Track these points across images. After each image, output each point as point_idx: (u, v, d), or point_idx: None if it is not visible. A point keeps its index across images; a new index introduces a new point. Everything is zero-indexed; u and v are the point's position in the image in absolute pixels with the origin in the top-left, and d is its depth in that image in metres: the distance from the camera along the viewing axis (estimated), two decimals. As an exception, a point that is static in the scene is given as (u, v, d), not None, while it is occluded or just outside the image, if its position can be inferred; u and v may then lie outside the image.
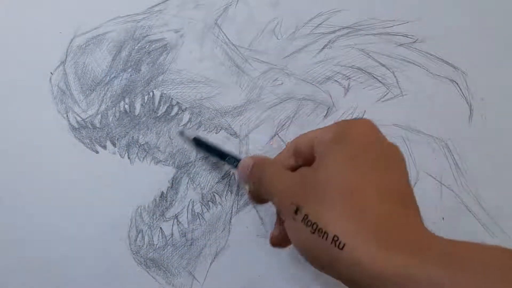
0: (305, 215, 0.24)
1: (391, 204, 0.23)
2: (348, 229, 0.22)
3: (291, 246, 0.27)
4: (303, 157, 0.29)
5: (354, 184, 0.23)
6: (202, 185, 0.43)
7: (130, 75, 0.42)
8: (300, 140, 0.29)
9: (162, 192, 0.43)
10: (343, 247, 0.22)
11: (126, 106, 0.42)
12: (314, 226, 0.23)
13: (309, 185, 0.25)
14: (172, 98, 0.42)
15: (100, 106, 0.42)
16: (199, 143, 0.41)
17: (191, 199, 0.43)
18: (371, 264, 0.21)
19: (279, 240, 0.31)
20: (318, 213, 0.23)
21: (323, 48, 0.43)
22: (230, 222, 0.43)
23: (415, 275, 0.19)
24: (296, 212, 0.24)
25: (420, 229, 0.23)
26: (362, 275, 0.21)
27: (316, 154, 0.27)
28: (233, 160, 0.36)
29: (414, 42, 0.43)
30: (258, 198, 0.32)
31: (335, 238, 0.22)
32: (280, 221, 0.31)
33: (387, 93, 0.42)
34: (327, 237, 0.22)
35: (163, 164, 0.43)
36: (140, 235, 0.42)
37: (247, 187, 0.32)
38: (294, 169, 0.28)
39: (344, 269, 0.22)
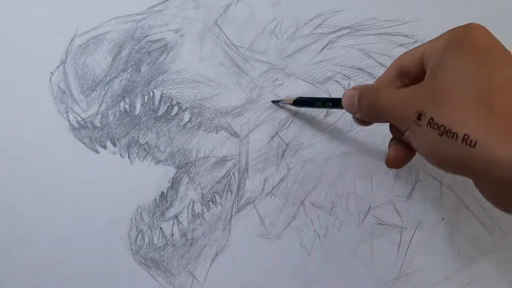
0: (431, 118, 0.24)
1: None
2: (479, 126, 0.23)
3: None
4: (409, 76, 0.30)
5: (481, 85, 0.24)
6: (202, 185, 0.43)
7: (130, 75, 0.42)
8: (403, 59, 0.30)
9: (162, 192, 0.43)
10: (475, 144, 0.22)
11: (126, 106, 0.42)
12: (442, 128, 0.24)
13: (428, 92, 0.26)
14: (172, 98, 0.42)
15: (100, 106, 0.42)
16: (301, 103, 0.40)
17: (191, 199, 0.43)
18: (506, 156, 0.22)
19: (395, 160, 0.32)
20: (443, 115, 0.24)
21: (323, 48, 0.43)
22: (230, 222, 0.43)
23: None
24: (419, 118, 0.25)
25: None
26: (498, 168, 0.22)
27: (428, 66, 0.27)
28: (336, 101, 0.36)
29: (414, 42, 0.43)
30: (367, 122, 0.33)
31: (466, 137, 0.23)
32: (398, 136, 0.32)
33: (387, 93, 0.42)
34: (457, 137, 0.23)
35: (163, 164, 0.43)
36: (140, 235, 0.42)
37: (356, 116, 0.32)
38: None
39: (480, 165, 0.23)
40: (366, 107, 0.30)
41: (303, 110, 0.42)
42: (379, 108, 0.29)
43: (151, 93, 0.42)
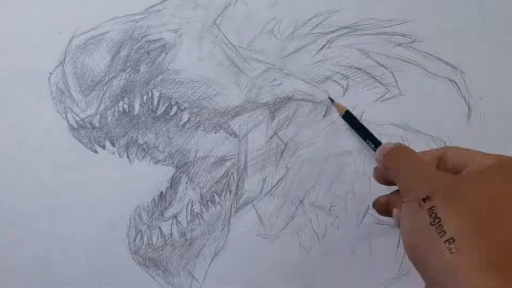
0: (434, 206, 0.24)
1: None
2: (469, 242, 0.22)
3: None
4: (447, 166, 0.29)
5: (498, 208, 0.23)
6: (201, 184, 0.43)
7: (129, 75, 0.42)
8: (452, 152, 0.30)
9: (161, 192, 0.43)
10: (453, 252, 0.21)
11: (125, 106, 0.42)
12: (437, 220, 0.23)
13: (450, 186, 0.25)
14: (171, 98, 0.42)
15: (99, 106, 0.42)
16: (348, 117, 0.41)
17: (190, 199, 0.43)
18: (467, 281, 0.20)
19: (381, 207, 0.33)
20: (447, 212, 0.23)
21: (322, 48, 0.43)
22: (229, 221, 0.43)
23: None
24: (425, 199, 0.24)
25: None
26: (458, 286, 0.21)
27: (467, 170, 0.27)
28: (374, 142, 0.38)
29: (412, 41, 0.43)
30: (383, 178, 0.33)
31: (451, 240, 0.22)
32: (395, 198, 0.32)
33: (386, 93, 0.42)
34: (443, 234, 0.22)
35: (162, 164, 0.43)
36: (139, 235, 0.42)
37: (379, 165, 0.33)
38: None
39: (443, 270, 0.22)
40: (391, 158, 0.31)
41: (301, 110, 0.42)
42: (400, 164, 0.29)
43: (150, 93, 0.42)
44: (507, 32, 0.43)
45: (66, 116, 0.43)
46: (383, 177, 0.33)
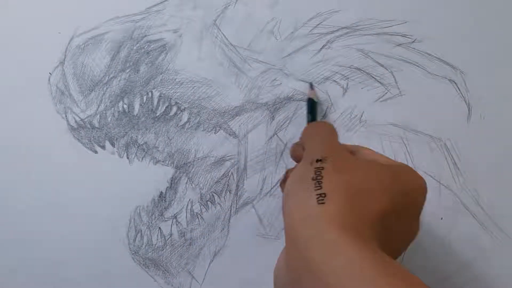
0: (322, 167, 0.26)
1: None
2: (337, 202, 0.24)
3: None
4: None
5: (367, 184, 0.26)
6: (201, 185, 0.43)
7: (129, 75, 0.42)
8: (362, 148, 0.34)
9: (161, 192, 0.43)
10: (321, 203, 0.24)
11: (125, 106, 0.42)
12: (319, 178, 0.25)
13: (343, 158, 0.28)
14: (170, 98, 0.42)
15: (99, 106, 0.42)
16: (310, 103, 0.41)
17: (190, 199, 0.43)
18: (324, 232, 0.23)
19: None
20: (330, 175, 0.26)
21: (322, 48, 0.43)
22: (229, 222, 0.43)
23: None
24: (318, 160, 0.27)
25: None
26: (315, 234, 0.23)
27: (359, 154, 0.32)
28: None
29: (412, 42, 0.43)
30: (295, 153, 0.35)
31: (323, 194, 0.24)
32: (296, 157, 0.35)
33: (386, 93, 0.42)
34: (319, 189, 0.25)
35: (162, 164, 0.43)
36: (139, 235, 0.42)
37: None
38: None
39: (303, 218, 0.24)
40: (311, 127, 0.36)
41: (301, 111, 0.42)
42: (314, 132, 0.33)
43: (150, 93, 0.42)
44: (507, 32, 0.43)
45: (66, 116, 0.43)
46: (295, 152, 0.35)
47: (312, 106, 0.40)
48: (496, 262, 0.42)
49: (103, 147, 0.43)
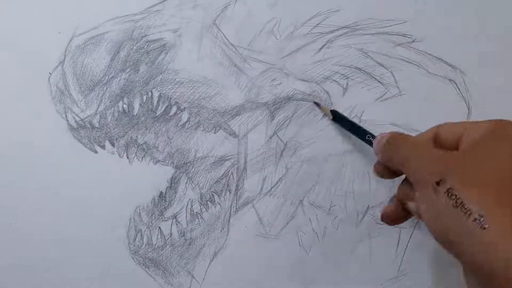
0: (450, 187, 0.24)
1: None
2: (496, 212, 0.22)
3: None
4: (443, 145, 0.29)
5: (507, 172, 0.24)
6: (201, 184, 0.43)
7: (129, 75, 0.42)
8: (444, 129, 0.30)
9: (161, 192, 0.43)
10: (485, 227, 0.22)
11: (125, 106, 0.42)
12: (459, 201, 0.23)
13: (458, 164, 0.25)
14: (170, 98, 0.42)
15: (98, 106, 0.42)
16: (337, 116, 0.41)
17: (190, 199, 0.43)
18: (507, 251, 0.21)
19: (393, 216, 0.32)
20: (464, 190, 0.23)
21: (322, 47, 0.43)
22: (229, 221, 0.43)
23: None
24: (438, 183, 0.24)
25: None
26: (498, 258, 0.21)
27: (464, 143, 0.27)
28: (369, 137, 0.37)
29: (412, 41, 0.43)
30: (385, 170, 0.32)
31: (479, 217, 0.22)
32: (404, 198, 0.31)
33: (386, 93, 0.42)
34: (470, 214, 0.22)
35: (162, 164, 0.43)
36: (139, 235, 0.42)
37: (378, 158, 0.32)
38: None
39: (480, 248, 0.22)
40: (391, 147, 0.30)
41: (301, 110, 0.42)
42: (402, 153, 0.29)
43: (150, 93, 0.42)
44: (507, 32, 0.43)
45: (65, 116, 0.43)
46: (384, 170, 0.32)
47: (340, 116, 0.40)
48: None
49: (103, 147, 0.43)
